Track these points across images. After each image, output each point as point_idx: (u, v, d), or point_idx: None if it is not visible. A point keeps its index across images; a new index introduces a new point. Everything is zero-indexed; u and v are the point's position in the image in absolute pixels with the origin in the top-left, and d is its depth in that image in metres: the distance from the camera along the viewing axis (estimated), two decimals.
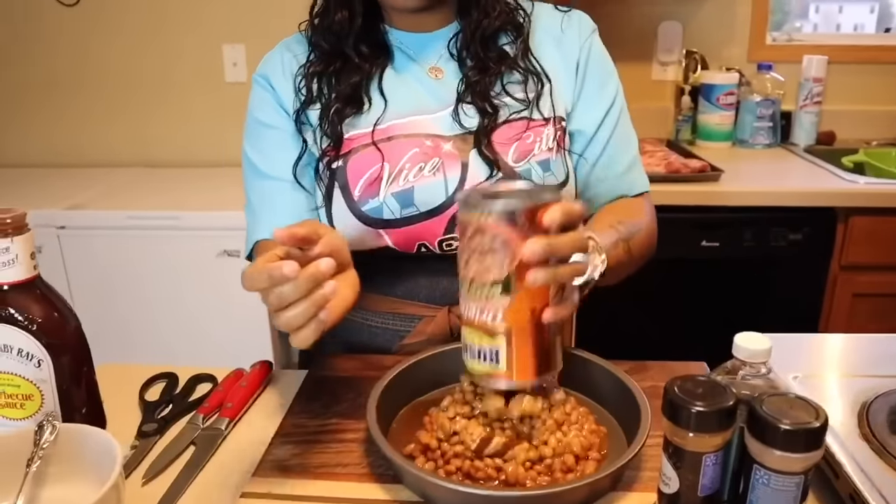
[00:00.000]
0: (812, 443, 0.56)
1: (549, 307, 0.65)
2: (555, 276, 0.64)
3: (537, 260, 0.63)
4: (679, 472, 0.60)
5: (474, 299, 0.66)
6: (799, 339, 0.92)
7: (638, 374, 0.89)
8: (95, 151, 2.51)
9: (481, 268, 0.65)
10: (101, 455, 0.68)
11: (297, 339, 0.64)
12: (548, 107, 0.94)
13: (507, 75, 0.93)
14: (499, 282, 0.64)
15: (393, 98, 0.93)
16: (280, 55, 0.98)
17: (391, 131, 0.92)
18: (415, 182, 0.90)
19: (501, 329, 0.66)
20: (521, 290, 0.64)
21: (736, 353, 0.63)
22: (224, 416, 0.84)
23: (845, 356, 0.91)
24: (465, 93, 0.92)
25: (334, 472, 0.72)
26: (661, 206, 1.82)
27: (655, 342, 1.82)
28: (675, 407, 0.59)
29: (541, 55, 0.96)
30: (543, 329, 0.67)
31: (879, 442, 0.69)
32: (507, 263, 0.63)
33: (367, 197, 0.91)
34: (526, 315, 0.65)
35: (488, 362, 0.67)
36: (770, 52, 2.36)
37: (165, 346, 2.02)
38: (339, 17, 0.91)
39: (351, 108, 0.92)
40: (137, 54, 2.40)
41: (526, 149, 0.92)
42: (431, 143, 0.91)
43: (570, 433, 0.71)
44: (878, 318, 1.91)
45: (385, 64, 0.95)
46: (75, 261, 2.00)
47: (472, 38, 0.92)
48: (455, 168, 0.91)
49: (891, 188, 1.85)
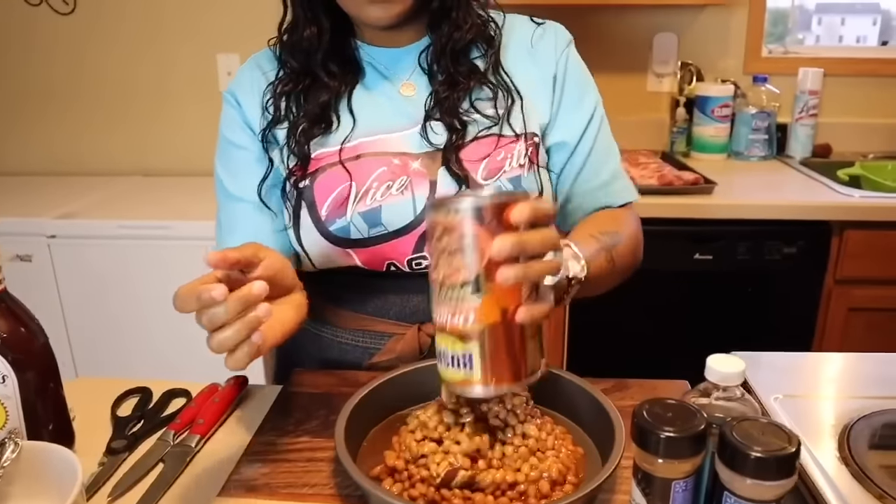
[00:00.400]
0: (784, 470, 0.54)
1: (522, 306, 0.63)
2: (525, 273, 0.62)
3: (506, 256, 0.60)
4: (649, 498, 0.59)
5: (445, 302, 0.64)
6: (783, 359, 0.91)
7: (618, 392, 0.87)
8: (94, 160, 2.51)
9: (450, 269, 0.63)
10: (63, 473, 0.66)
11: (231, 361, 0.63)
12: (519, 123, 0.92)
13: (476, 91, 0.92)
14: (468, 281, 0.62)
15: (362, 116, 0.92)
16: (249, 72, 0.97)
17: (359, 150, 0.91)
18: (382, 201, 0.89)
19: (474, 331, 0.63)
20: (492, 290, 0.62)
21: (708, 376, 0.61)
22: (195, 432, 0.82)
23: (829, 377, 0.90)
24: (434, 109, 0.91)
25: (301, 492, 0.71)
26: (654, 219, 1.83)
27: (647, 357, 1.80)
28: (644, 432, 0.57)
29: (514, 69, 0.94)
30: (517, 331, 0.64)
31: (859, 466, 0.68)
32: (476, 262, 0.61)
33: (333, 217, 0.89)
34: (498, 315, 0.63)
35: (462, 368, 0.65)
36: (766, 65, 2.35)
37: (156, 356, 2.00)
38: (307, 34, 0.90)
39: (318, 128, 0.91)
40: (133, 63, 2.40)
41: (496, 166, 0.90)
42: (399, 161, 0.90)
43: (546, 459, 0.70)
44: (874, 333, 1.89)
45: (355, 81, 0.94)
46: (66, 270, 1.99)
47: (443, 52, 0.91)
48: (423, 186, 0.89)
49: (887, 202, 1.83)
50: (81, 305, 2.01)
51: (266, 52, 0.98)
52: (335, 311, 0.98)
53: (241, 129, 0.95)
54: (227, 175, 0.97)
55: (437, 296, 0.65)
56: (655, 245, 1.85)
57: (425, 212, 0.66)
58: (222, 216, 0.98)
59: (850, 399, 0.81)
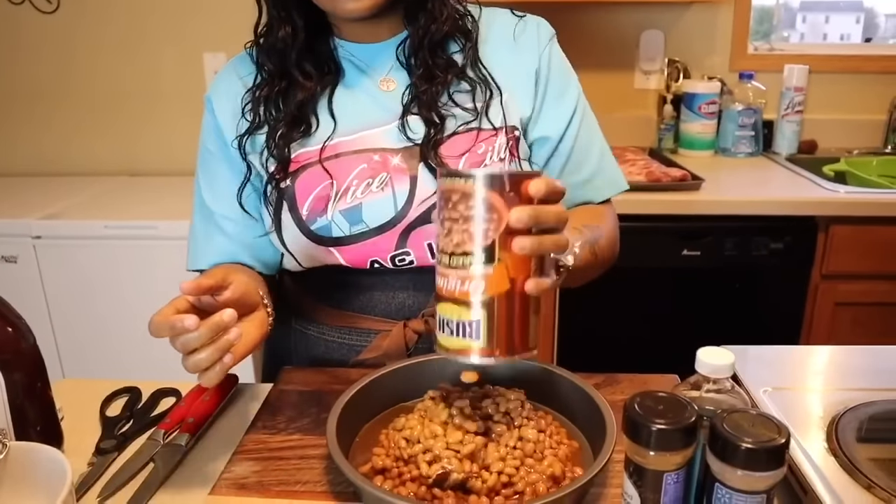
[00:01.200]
0: (774, 461, 0.54)
1: (531, 278, 0.64)
2: (540, 244, 0.63)
3: (524, 226, 0.62)
4: (640, 490, 0.59)
5: (454, 270, 0.64)
6: (771, 352, 0.91)
7: (609, 387, 0.88)
8: (80, 160, 2.49)
9: (465, 235, 0.63)
10: (52, 474, 0.66)
11: (204, 380, 0.69)
12: (499, 116, 0.92)
13: (454, 84, 0.91)
14: (483, 249, 0.63)
15: (342, 116, 0.92)
16: (227, 77, 0.97)
17: (339, 148, 0.90)
18: (363, 198, 0.89)
19: (482, 300, 0.63)
20: (505, 260, 0.63)
21: (699, 369, 0.62)
22: (185, 431, 0.82)
23: (817, 369, 0.90)
24: (412, 103, 0.91)
25: (293, 489, 0.71)
26: (642, 216, 1.84)
27: (637, 352, 1.80)
28: (635, 424, 0.57)
29: (494, 62, 0.94)
30: (523, 303, 0.65)
31: (847, 457, 0.68)
32: (492, 229, 0.62)
33: (315, 216, 0.89)
34: (507, 285, 0.63)
35: (465, 337, 0.65)
36: (752, 62, 2.37)
37: (144, 356, 1.98)
38: (282, 34, 0.89)
39: (297, 132, 0.90)
40: (118, 62, 2.38)
41: (477, 159, 0.90)
42: (379, 157, 0.90)
43: (545, 459, 0.70)
44: (860, 327, 1.90)
45: (334, 81, 0.93)
46: (52, 271, 1.97)
47: (421, 45, 0.90)
48: (404, 182, 0.89)
49: (871, 197, 1.85)
50: (68, 306, 1.99)
51: (244, 57, 0.97)
52: (321, 309, 0.98)
53: (214, 135, 0.96)
54: (203, 183, 0.98)
55: (446, 262, 0.65)
56: (643, 241, 1.88)
57: (438, 179, 0.66)
58: (197, 224, 0.99)
59: (837, 391, 0.82)
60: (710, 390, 0.62)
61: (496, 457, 0.69)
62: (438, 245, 0.66)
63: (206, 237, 0.98)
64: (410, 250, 0.90)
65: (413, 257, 0.90)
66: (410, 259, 0.91)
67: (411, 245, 0.90)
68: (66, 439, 0.81)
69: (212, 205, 0.97)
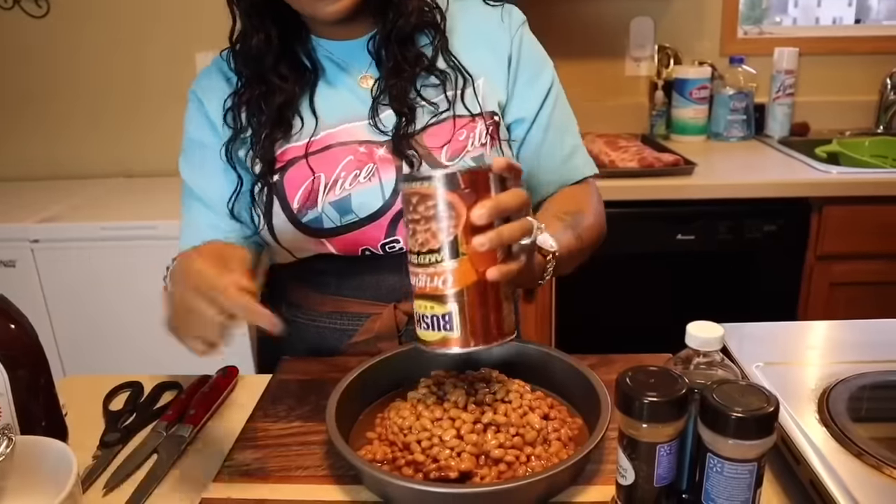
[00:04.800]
0: (763, 429, 0.56)
1: (494, 265, 0.66)
2: (500, 235, 0.66)
3: (485, 222, 0.65)
4: (634, 463, 0.60)
5: (423, 268, 0.67)
6: (763, 328, 0.92)
7: (603, 367, 0.88)
8: (73, 163, 2.49)
9: (428, 234, 0.66)
10: (58, 467, 0.67)
11: None
12: (474, 103, 0.93)
13: (423, 78, 0.93)
14: (446, 246, 0.66)
15: (325, 111, 0.93)
16: (213, 75, 0.97)
17: (325, 141, 0.92)
18: (351, 189, 0.90)
19: (452, 293, 0.67)
20: (469, 252, 0.66)
21: (689, 342, 0.63)
22: (188, 423, 0.83)
23: (809, 344, 0.91)
24: (382, 96, 0.92)
25: (295, 474, 0.72)
26: (635, 201, 1.85)
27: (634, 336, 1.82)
28: (627, 398, 0.58)
29: (467, 52, 0.95)
30: (494, 291, 0.68)
31: (838, 427, 0.70)
32: (452, 226, 0.65)
33: (305, 208, 0.90)
34: (475, 276, 0.66)
35: (441, 329, 0.68)
36: (742, 46, 2.37)
37: (145, 356, 1.99)
38: (255, 41, 0.90)
39: (280, 132, 0.91)
40: (110, 64, 2.38)
41: (459, 146, 0.92)
42: (365, 149, 0.91)
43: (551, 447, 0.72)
44: (855, 307, 1.92)
45: (314, 80, 0.94)
46: (50, 274, 1.98)
47: (389, 39, 0.92)
48: (390, 172, 0.91)
49: (864, 177, 1.86)
50: (68, 309, 1.99)
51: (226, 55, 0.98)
52: (311, 296, 1.00)
53: (205, 127, 0.96)
54: (191, 175, 0.98)
55: (415, 262, 0.68)
56: (638, 227, 1.90)
57: (398, 184, 0.69)
58: (187, 217, 0.99)
59: (829, 365, 0.83)
60: (701, 364, 0.63)
61: (494, 444, 0.70)
62: (407, 246, 0.69)
63: (196, 227, 0.97)
64: (400, 238, 0.91)
65: (403, 244, 0.92)
66: (400, 246, 0.92)
67: (401, 233, 0.91)
68: (71, 434, 0.82)
69: (202, 192, 0.96)
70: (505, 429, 0.71)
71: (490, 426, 0.72)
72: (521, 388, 0.78)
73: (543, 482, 0.64)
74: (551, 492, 0.67)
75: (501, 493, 0.64)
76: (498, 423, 0.72)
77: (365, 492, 0.69)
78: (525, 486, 0.64)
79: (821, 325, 0.97)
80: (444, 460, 0.68)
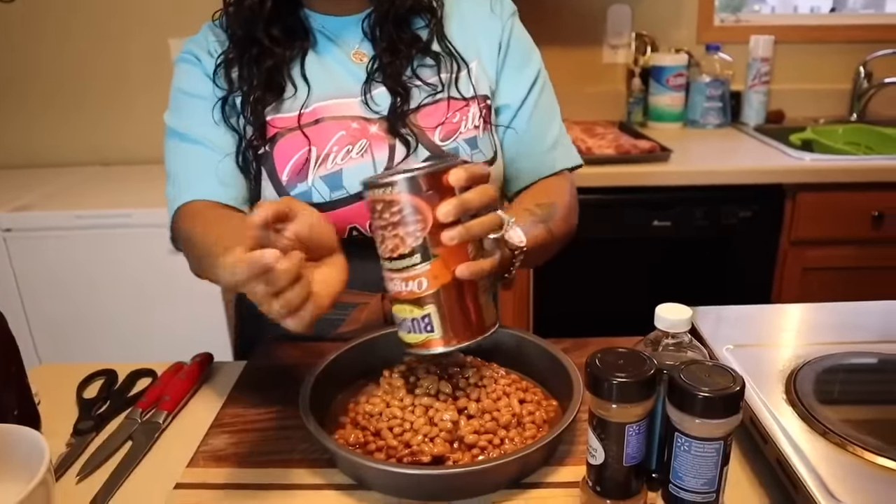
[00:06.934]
0: (730, 408, 0.56)
1: (463, 263, 0.67)
2: (469, 230, 0.66)
3: (452, 219, 0.65)
4: (604, 443, 0.61)
5: (397, 273, 0.68)
6: (734, 311, 0.94)
7: (577, 350, 0.89)
8: (48, 151, 2.45)
9: (397, 240, 0.66)
10: (30, 455, 0.66)
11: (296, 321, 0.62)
12: (468, 88, 0.95)
13: (419, 59, 0.94)
14: (416, 249, 0.66)
15: (316, 82, 0.93)
16: (205, 37, 0.97)
17: (318, 114, 0.91)
18: (343, 164, 0.90)
19: (428, 295, 0.67)
20: (440, 254, 0.66)
21: (657, 324, 0.64)
22: (162, 409, 0.83)
23: (780, 326, 0.93)
24: (377, 73, 0.92)
25: (269, 459, 0.72)
26: (612, 188, 1.86)
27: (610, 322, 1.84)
28: (597, 379, 0.59)
29: (461, 37, 0.96)
30: (471, 288, 0.68)
31: (805, 408, 0.71)
32: (419, 229, 0.65)
33: (295, 181, 0.90)
34: (449, 276, 0.67)
35: (422, 332, 0.68)
36: (718, 34, 2.39)
37: (121, 344, 1.99)
38: (249, 3, 0.90)
39: (271, 95, 0.91)
40: (82, 51, 2.35)
41: (452, 128, 0.92)
42: (358, 125, 0.91)
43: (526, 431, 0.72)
44: (827, 292, 1.95)
45: (305, 48, 0.94)
46: (24, 263, 1.95)
47: (385, 19, 0.92)
48: (383, 149, 0.91)
49: (837, 164, 1.88)
50: (42, 298, 1.97)
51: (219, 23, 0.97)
52: None
53: (202, 81, 0.94)
54: (182, 122, 0.94)
55: (388, 268, 0.69)
56: (614, 213, 1.91)
57: (362, 192, 0.68)
58: (176, 164, 0.94)
59: (798, 346, 0.84)
60: (670, 345, 0.64)
61: (468, 430, 0.70)
62: (378, 252, 0.69)
63: (190, 171, 0.92)
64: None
65: None
66: None
67: None
68: (44, 422, 0.82)
69: (199, 137, 0.92)
70: (479, 415, 0.72)
71: (463, 412, 0.72)
72: (494, 374, 0.78)
73: (516, 463, 0.65)
74: (524, 472, 0.68)
75: (474, 473, 0.65)
76: (471, 409, 0.72)
77: (339, 475, 0.69)
78: (498, 467, 0.64)
79: (791, 307, 0.98)
80: (416, 445, 0.69)
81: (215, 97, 0.93)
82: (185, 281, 2.02)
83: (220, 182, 0.91)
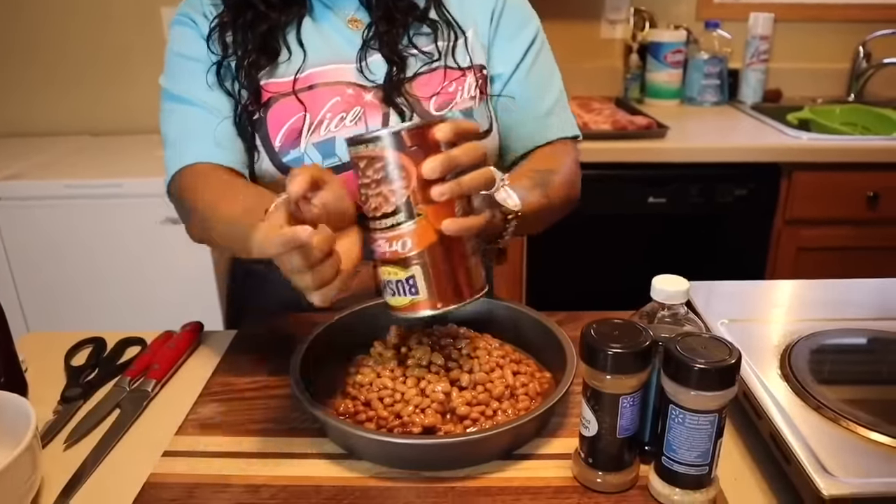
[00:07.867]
0: (725, 381, 0.56)
1: (449, 218, 0.64)
2: (459, 185, 0.63)
3: (438, 175, 0.62)
4: (598, 414, 0.61)
5: (381, 233, 0.65)
6: (730, 287, 0.93)
7: (571, 323, 0.89)
8: (41, 121, 2.42)
9: (380, 198, 0.64)
10: (16, 421, 0.66)
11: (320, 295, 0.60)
12: (465, 57, 0.93)
13: (415, 27, 0.92)
14: (400, 208, 0.63)
15: (311, 47, 0.91)
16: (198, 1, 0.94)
17: (312, 79, 0.90)
18: (336, 132, 0.88)
19: (413, 255, 0.64)
20: (426, 212, 0.63)
21: (654, 296, 0.63)
22: (151, 377, 0.82)
23: (775, 302, 0.92)
24: (373, 41, 0.91)
25: (259, 427, 0.71)
26: (608, 164, 1.85)
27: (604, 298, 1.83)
28: (592, 349, 0.59)
29: (458, 5, 0.95)
30: (457, 249, 0.66)
31: (799, 382, 0.71)
32: (403, 186, 0.63)
33: (287, 147, 0.88)
34: (434, 236, 0.64)
35: (407, 294, 0.66)
36: (717, 11, 2.36)
37: (111, 313, 1.98)
38: None
39: (265, 59, 0.89)
40: (74, 20, 2.31)
41: (447, 97, 0.91)
42: (353, 91, 0.90)
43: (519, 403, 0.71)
44: (822, 271, 1.94)
45: (301, 13, 0.92)
46: (13, 232, 1.94)
47: None
48: (377, 117, 0.89)
49: (833, 143, 1.87)
50: (31, 267, 1.96)
51: None
52: None
53: (198, 43, 0.91)
54: (179, 85, 0.91)
55: (372, 228, 0.66)
56: (610, 189, 1.90)
57: (346, 149, 0.66)
58: (173, 127, 0.91)
59: (793, 322, 0.84)
60: (666, 317, 0.63)
61: (460, 402, 0.70)
62: (362, 211, 0.66)
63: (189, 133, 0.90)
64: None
65: None
66: None
67: None
68: (31, 390, 0.81)
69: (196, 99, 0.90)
70: (471, 386, 0.71)
71: (456, 383, 0.72)
72: (488, 345, 0.78)
73: (508, 433, 0.64)
74: (516, 443, 0.67)
75: (466, 443, 0.64)
76: (463, 381, 0.72)
77: (329, 444, 0.69)
78: (490, 438, 0.64)
79: (786, 283, 0.98)
80: (407, 416, 0.68)
81: (210, 60, 0.91)
82: (176, 251, 2.00)
83: (218, 144, 0.88)
